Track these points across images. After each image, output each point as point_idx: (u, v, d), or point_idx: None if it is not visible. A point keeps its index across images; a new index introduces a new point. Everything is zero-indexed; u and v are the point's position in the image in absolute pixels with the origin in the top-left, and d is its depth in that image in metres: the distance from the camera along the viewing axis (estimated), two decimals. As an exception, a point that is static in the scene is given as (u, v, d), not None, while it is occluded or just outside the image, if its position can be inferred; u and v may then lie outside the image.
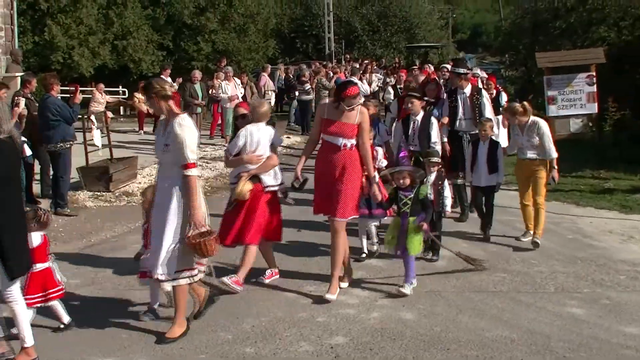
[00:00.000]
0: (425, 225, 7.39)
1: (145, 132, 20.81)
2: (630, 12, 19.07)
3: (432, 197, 8.14)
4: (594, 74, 15.35)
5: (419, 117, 9.78)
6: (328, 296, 7.19)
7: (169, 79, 18.11)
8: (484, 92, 11.08)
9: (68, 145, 11.16)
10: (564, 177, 12.69)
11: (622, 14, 19.38)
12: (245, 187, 7.41)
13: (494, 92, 13.34)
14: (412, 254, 7.42)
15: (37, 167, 11.89)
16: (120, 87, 29.42)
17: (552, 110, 15.28)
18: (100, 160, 13.83)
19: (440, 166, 8.55)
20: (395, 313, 6.87)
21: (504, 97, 13.84)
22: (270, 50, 35.43)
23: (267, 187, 7.60)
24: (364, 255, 8.65)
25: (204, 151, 17.08)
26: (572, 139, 15.49)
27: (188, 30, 31.30)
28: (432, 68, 21.66)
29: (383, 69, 29.15)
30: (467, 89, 10.67)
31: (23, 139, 10.77)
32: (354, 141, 7.25)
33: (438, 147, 9.48)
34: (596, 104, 15.21)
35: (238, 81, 19.53)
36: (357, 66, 25.56)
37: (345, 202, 7.18)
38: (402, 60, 36.81)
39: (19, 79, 14.52)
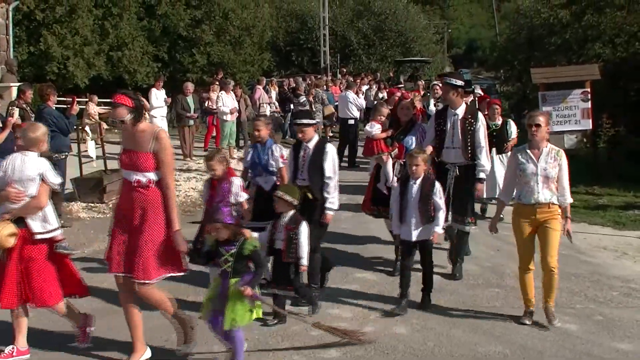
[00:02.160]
0: (248, 291, 5.65)
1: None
2: (625, 29, 19.15)
3: (281, 245, 6.69)
4: (589, 90, 15.40)
5: (311, 145, 7.58)
6: None
7: (162, 91, 18.13)
8: (480, 116, 8.46)
9: (63, 156, 11.12)
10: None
11: (617, 31, 19.46)
12: (4, 231, 5.76)
13: None
14: (231, 328, 5.72)
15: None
16: (115, 98, 29.39)
17: (547, 126, 15.29)
18: (94, 171, 13.86)
19: (293, 205, 6.72)
20: (389, 327, 6.86)
21: None
22: (265, 63, 35.47)
23: (35, 234, 5.92)
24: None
25: (198, 163, 17.05)
26: (567, 155, 15.49)
27: (183, 42, 31.28)
28: (423, 84, 21.73)
29: (377, 83, 29.10)
30: (460, 110, 8.27)
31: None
32: (152, 176, 5.69)
33: (333, 183, 7.48)
34: (591, 120, 15.23)
35: (232, 94, 19.51)
36: (352, 79, 25.59)
37: (147, 259, 5.62)
38: (396, 74, 36.84)
39: (13, 89, 14.52)
